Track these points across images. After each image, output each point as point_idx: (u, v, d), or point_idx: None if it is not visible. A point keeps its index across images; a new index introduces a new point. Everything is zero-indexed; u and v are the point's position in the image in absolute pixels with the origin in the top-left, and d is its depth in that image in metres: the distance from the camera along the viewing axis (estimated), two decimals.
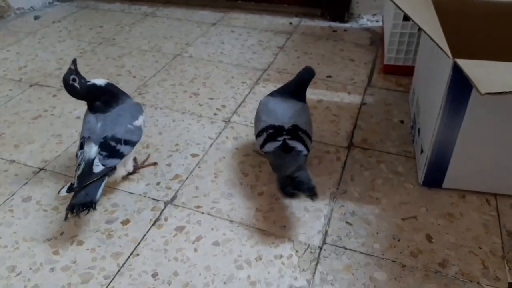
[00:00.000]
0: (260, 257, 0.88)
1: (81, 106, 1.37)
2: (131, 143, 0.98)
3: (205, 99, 1.41)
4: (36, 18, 2.07)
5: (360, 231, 0.94)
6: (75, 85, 0.94)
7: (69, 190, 0.86)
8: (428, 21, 0.93)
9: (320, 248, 0.90)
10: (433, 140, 0.97)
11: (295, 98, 1.07)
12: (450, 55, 0.83)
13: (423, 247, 0.90)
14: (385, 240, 0.92)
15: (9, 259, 0.88)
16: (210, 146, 1.20)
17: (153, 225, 0.95)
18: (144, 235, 0.93)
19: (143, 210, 0.99)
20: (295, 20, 2.02)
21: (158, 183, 1.07)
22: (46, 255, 0.89)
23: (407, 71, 1.51)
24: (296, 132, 0.98)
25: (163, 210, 0.99)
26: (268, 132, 0.99)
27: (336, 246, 0.91)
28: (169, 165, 1.13)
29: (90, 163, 0.90)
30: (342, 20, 1.95)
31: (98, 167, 0.90)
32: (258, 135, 1.02)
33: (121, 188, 1.05)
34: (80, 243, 0.91)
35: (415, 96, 1.28)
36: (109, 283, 0.83)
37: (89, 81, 0.96)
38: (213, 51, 1.73)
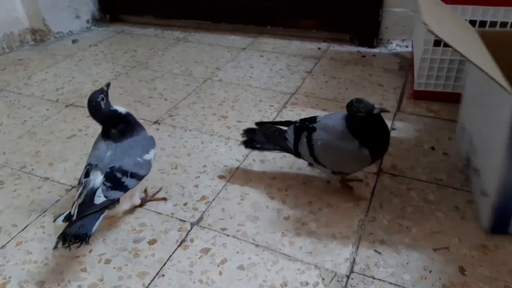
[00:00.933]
0: (285, 283, 0.87)
1: None
2: (138, 177, 0.95)
3: (233, 121, 1.43)
4: (74, 41, 2.17)
5: (389, 260, 0.91)
6: (100, 105, 0.94)
7: (66, 219, 0.85)
8: (479, 54, 0.89)
9: (348, 277, 0.88)
10: (499, 182, 0.89)
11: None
12: (510, 90, 0.79)
13: (455, 280, 0.87)
14: (415, 271, 0.89)
15: (39, 275, 0.90)
16: (237, 169, 1.20)
17: (179, 246, 0.96)
18: (170, 256, 0.93)
19: (170, 230, 1.00)
20: (323, 45, 2.03)
21: (185, 204, 1.08)
22: (74, 272, 0.90)
23: (438, 97, 1.49)
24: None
25: (189, 231, 1.00)
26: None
27: (364, 275, 0.88)
28: (196, 186, 1.14)
29: (92, 193, 0.87)
30: (371, 45, 1.96)
31: (100, 198, 0.87)
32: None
33: (149, 208, 1.07)
34: (108, 261, 0.92)
35: (465, 131, 1.20)
36: None
37: (112, 106, 0.96)
38: (242, 75, 1.75)
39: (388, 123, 1.36)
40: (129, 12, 2.43)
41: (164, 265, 0.91)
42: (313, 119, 1.06)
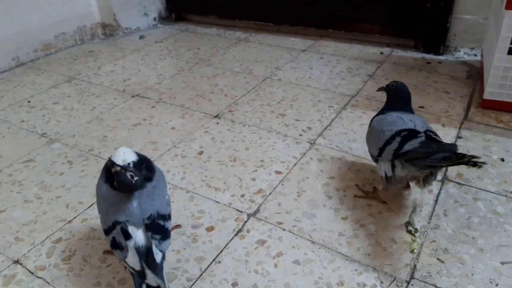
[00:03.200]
0: (342, 282, 0.85)
1: (176, 118, 1.46)
2: (170, 217, 0.83)
3: (291, 120, 1.43)
4: (141, 37, 2.27)
5: (452, 270, 0.87)
6: (137, 181, 0.76)
7: None
8: None
9: (408, 283, 0.85)
10: None
11: (408, 111, 1.04)
12: None
13: None
14: (481, 283, 0.84)
15: (102, 251, 0.94)
16: (294, 166, 1.20)
17: (236, 235, 0.97)
18: (227, 244, 0.94)
19: (227, 219, 1.01)
20: (386, 50, 1.99)
21: (242, 195, 1.09)
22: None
23: (509, 107, 1.41)
24: (432, 136, 0.91)
25: (246, 221, 1.01)
26: (402, 135, 0.92)
27: (425, 282, 0.85)
28: (253, 179, 1.15)
29: (149, 254, 0.75)
30: (437, 52, 1.89)
31: (159, 256, 0.76)
32: (386, 144, 0.94)
33: (207, 196, 1.09)
34: None
35: None
36: (191, 286, 0.85)
37: (131, 169, 0.78)
38: (301, 75, 1.75)
39: (454, 131, 1.32)
40: (194, 11, 2.51)
41: (221, 252, 0.92)
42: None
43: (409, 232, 0.96)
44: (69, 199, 1.10)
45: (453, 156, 0.84)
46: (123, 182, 0.75)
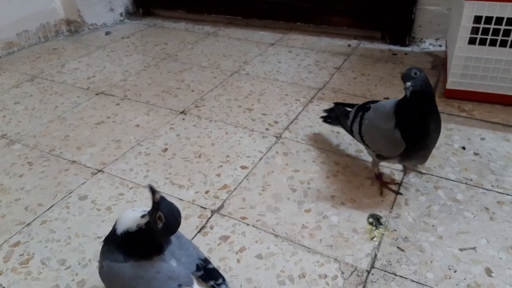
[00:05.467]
0: (303, 274, 0.85)
1: (141, 115, 1.44)
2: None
3: (258, 114, 1.42)
4: (107, 33, 2.22)
5: (412, 258, 0.89)
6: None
7: None
8: None
9: (368, 272, 0.86)
10: None
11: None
12: None
13: (481, 281, 0.83)
14: (439, 270, 0.86)
15: (60, 253, 0.92)
16: (260, 160, 1.20)
17: (199, 232, 0.96)
18: (190, 241, 0.93)
19: (191, 216, 1.00)
20: (353, 42, 2.00)
21: (206, 192, 1.08)
22: (96, 252, 0.91)
23: (471, 96, 1.44)
24: None
25: (209, 218, 1.00)
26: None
27: (385, 271, 0.86)
28: (218, 175, 1.14)
29: None
30: (403, 44, 1.91)
31: None
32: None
33: (171, 194, 1.07)
34: None
35: None
36: None
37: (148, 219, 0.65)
38: (269, 69, 1.75)
39: None
40: (162, 6, 2.47)
41: None
42: (376, 101, 1.07)
43: (371, 224, 0.97)
44: (29, 201, 1.07)
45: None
46: (174, 209, 0.61)
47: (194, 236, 0.95)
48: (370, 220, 0.98)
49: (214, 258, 0.89)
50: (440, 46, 1.88)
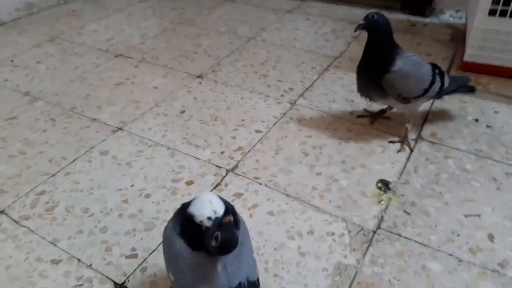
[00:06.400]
0: (312, 231, 0.90)
1: (159, 77, 1.47)
2: (259, 282, 0.66)
3: (273, 81, 1.44)
4: None
5: (417, 221, 0.92)
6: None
7: None
8: None
9: (374, 232, 0.90)
10: None
11: (397, 45, 1.08)
12: None
13: (483, 245, 0.86)
14: (443, 233, 0.89)
15: (84, 202, 0.98)
16: (274, 125, 1.23)
17: (214, 188, 1.01)
18: None
19: (206, 174, 1.05)
20: (372, 11, 1.97)
21: (222, 152, 1.12)
22: (116, 203, 0.97)
23: (488, 70, 1.43)
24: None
25: (224, 176, 1.04)
26: (437, 72, 1.09)
27: (390, 232, 0.90)
28: (233, 137, 1.18)
29: None
30: (423, 15, 1.88)
31: None
32: (431, 84, 1.08)
33: (188, 153, 1.12)
34: (148, 196, 0.99)
35: None
36: None
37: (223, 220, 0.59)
38: (286, 36, 1.75)
39: None
40: None
41: None
42: None
43: (379, 188, 1.01)
44: (52, 154, 1.13)
45: (470, 89, 1.18)
46: (231, 241, 0.56)
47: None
48: (379, 185, 1.01)
49: None
50: (461, 18, 1.86)
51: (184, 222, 0.62)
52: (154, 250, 0.87)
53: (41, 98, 1.37)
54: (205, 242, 0.58)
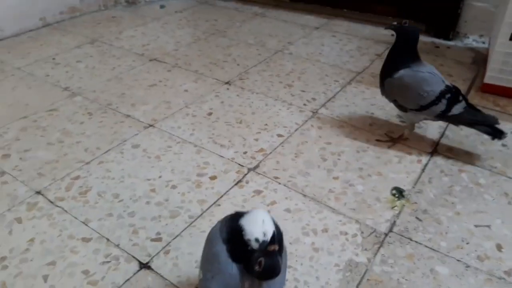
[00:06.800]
0: (326, 229, 0.95)
1: (190, 82, 1.56)
2: None
3: (297, 91, 1.51)
4: (161, 7, 2.35)
5: (429, 228, 0.96)
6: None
7: None
8: None
9: (386, 235, 0.94)
10: None
11: (418, 59, 1.16)
12: None
13: (491, 254, 0.90)
14: (453, 240, 0.93)
15: (115, 188, 1.05)
16: (296, 131, 1.29)
17: (235, 184, 1.07)
18: (227, 191, 1.04)
19: (229, 171, 1.11)
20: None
21: (245, 152, 1.19)
22: (145, 191, 1.04)
23: (507, 93, 1.46)
24: (470, 103, 1.15)
25: (246, 174, 1.10)
26: (447, 98, 1.10)
27: (402, 236, 0.94)
28: (256, 139, 1.24)
29: None
30: (447, 38, 1.93)
31: None
32: (431, 105, 1.11)
33: (213, 151, 1.19)
34: (174, 187, 1.06)
35: None
36: (192, 222, 0.96)
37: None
38: (312, 51, 1.82)
39: None
40: None
41: (221, 197, 1.03)
42: None
43: (393, 195, 1.05)
44: (88, 144, 1.21)
45: (493, 133, 1.12)
46: (274, 270, 0.58)
47: (231, 187, 1.06)
48: (394, 192, 1.06)
49: (247, 207, 1.00)
50: (484, 43, 1.90)
51: (232, 232, 0.63)
52: (177, 236, 0.93)
53: (80, 94, 1.47)
54: (248, 262, 0.58)
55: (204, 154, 1.17)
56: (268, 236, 0.59)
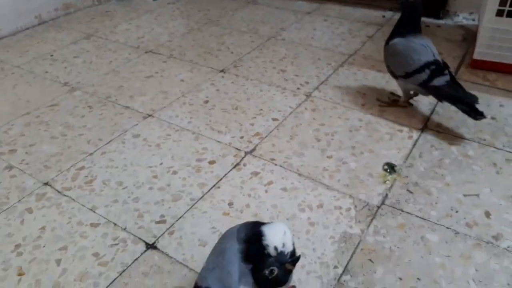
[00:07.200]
0: (321, 205, 0.99)
1: (185, 72, 1.59)
2: None
3: (291, 75, 1.55)
4: (154, 0, 2.38)
5: (419, 199, 1.01)
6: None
7: None
8: None
9: (378, 207, 0.99)
10: None
11: (418, 32, 1.23)
12: None
13: (479, 221, 0.94)
14: (442, 210, 0.98)
15: (118, 177, 1.10)
16: (290, 114, 1.33)
17: (234, 167, 1.11)
18: (226, 174, 1.09)
19: (227, 155, 1.16)
20: (388, 13, 2.07)
21: (241, 137, 1.23)
22: (147, 178, 1.09)
23: (496, 67, 1.50)
24: (453, 76, 1.19)
25: (243, 157, 1.15)
26: (431, 69, 1.17)
27: (393, 207, 0.99)
28: (252, 124, 1.28)
29: None
30: (437, 17, 1.96)
31: None
32: (415, 72, 1.19)
33: (211, 137, 1.23)
34: (175, 172, 1.10)
35: None
36: (194, 204, 1.00)
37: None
38: (304, 35, 1.85)
39: None
40: None
41: (220, 180, 1.07)
42: None
43: (385, 170, 1.09)
44: (90, 136, 1.26)
45: (472, 112, 1.16)
46: (281, 283, 0.62)
47: (229, 171, 1.10)
48: (385, 167, 1.10)
49: (245, 188, 1.04)
50: (473, 20, 1.92)
51: (251, 235, 0.64)
52: (180, 217, 0.98)
53: (79, 88, 1.51)
54: (259, 263, 0.61)
55: (202, 141, 1.22)
56: (287, 249, 0.62)
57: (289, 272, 0.62)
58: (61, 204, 1.03)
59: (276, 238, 0.61)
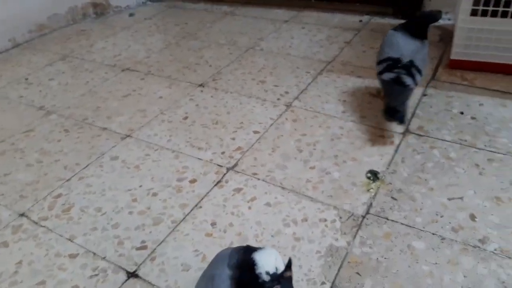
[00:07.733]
0: (306, 218, 0.98)
1: (163, 88, 1.57)
2: None
3: (270, 86, 1.53)
4: (130, 15, 2.35)
5: (404, 206, 0.99)
6: None
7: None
8: None
9: (363, 217, 0.97)
10: None
11: (417, 36, 1.26)
12: None
13: (465, 224, 0.93)
14: (427, 215, 0.96)
15: (97, 202, 1.07)
16: (271, 126, 1.31)
17: (215, 185, 1.09)
18: (208, 192, 1.07)
19: (208, 173, 1.13)
20: (365, 18, 2.07)
21: (222, 153, 1.21)
22: (127, 202, 1.06)
23: (474, 66, 1.50)
24: (410, 68, 1.19)
25: (225, 174, 1.13)
26: (387, 63, 1.21)
27: (378, 216, 0.97)
28: (233, 139, 1.26)
29: None
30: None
31: None
32: (379, 63, 1.26)
33: (191, 154, 1.21)
34: (155, 194, 1.08)
35: None
36: (175, 227, 0.98)
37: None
38: (282, 44, 1.85)
39: (421, 90, 1.42)
40: None
41: (202, 199, 1.05)
42: None
43: (368, 178, 1.08)
44: (67, 162, 1.22)
45: (386, 112, 1.18)
46: None
47: (211, 189, 1.08)
48: (368, 175, 1.09)
49: (228, 206, 1.02)
50: (449, 19, 1.93)
51: (243, 264, 0.64)
52: (162, 242, 0.95)
53: (55, 112, 1.48)
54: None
55: (182, 159, 1.19)
56: (280, 269, 0.62)
57: (290, 279, 0.61)
58: (38, 235, 1.00)
59: (268, 264, 0.62)
